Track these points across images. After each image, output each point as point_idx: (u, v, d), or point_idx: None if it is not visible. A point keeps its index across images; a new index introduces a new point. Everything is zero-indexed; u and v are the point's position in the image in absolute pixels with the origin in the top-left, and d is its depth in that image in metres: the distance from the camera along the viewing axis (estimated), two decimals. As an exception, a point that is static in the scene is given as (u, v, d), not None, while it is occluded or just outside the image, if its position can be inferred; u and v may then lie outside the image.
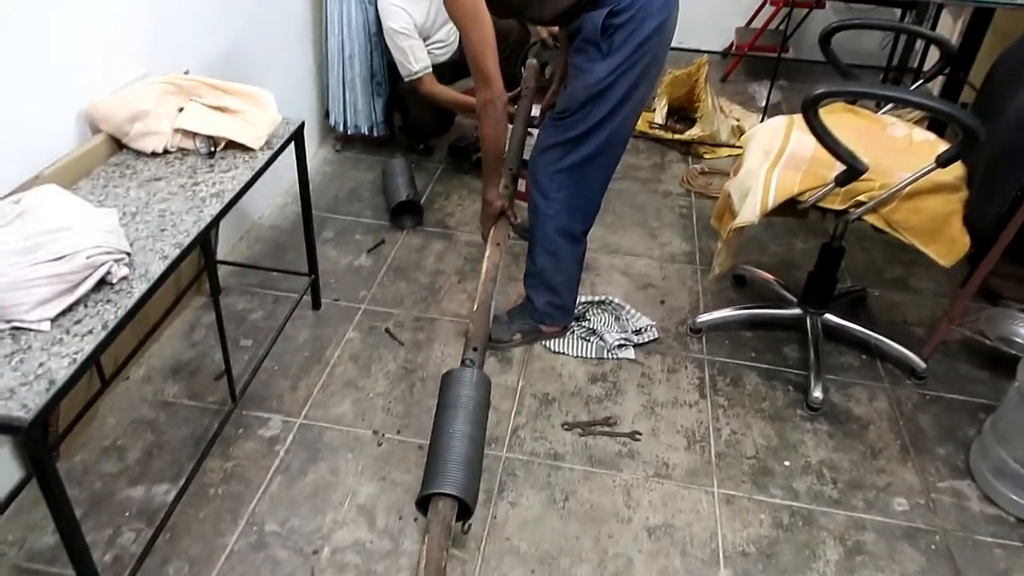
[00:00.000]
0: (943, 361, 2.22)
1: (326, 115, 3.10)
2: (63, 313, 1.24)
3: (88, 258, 1.25)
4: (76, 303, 1.26)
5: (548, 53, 2.52)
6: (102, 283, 1.30)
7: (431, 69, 2.78)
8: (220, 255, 2.39)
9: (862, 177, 1.74)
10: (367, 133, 3.06)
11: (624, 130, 1.97)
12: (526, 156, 2.23)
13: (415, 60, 2.75)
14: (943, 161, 1.66)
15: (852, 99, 2.14)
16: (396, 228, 2.70)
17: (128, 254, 1.35)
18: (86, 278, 1.26)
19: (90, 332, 1.21)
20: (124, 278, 1.33)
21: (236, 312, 2.26)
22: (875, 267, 2.64)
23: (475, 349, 1.62)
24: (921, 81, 2.22)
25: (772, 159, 1.93)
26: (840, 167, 1.74)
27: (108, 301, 1.28)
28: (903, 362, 2.17)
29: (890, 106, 2.16)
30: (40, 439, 1.11)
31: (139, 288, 1.32)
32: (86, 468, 1.75)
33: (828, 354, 2.22)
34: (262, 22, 2.51)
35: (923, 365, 2.13)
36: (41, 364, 1.15)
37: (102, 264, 1.28)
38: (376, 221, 2.74)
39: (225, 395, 1.90)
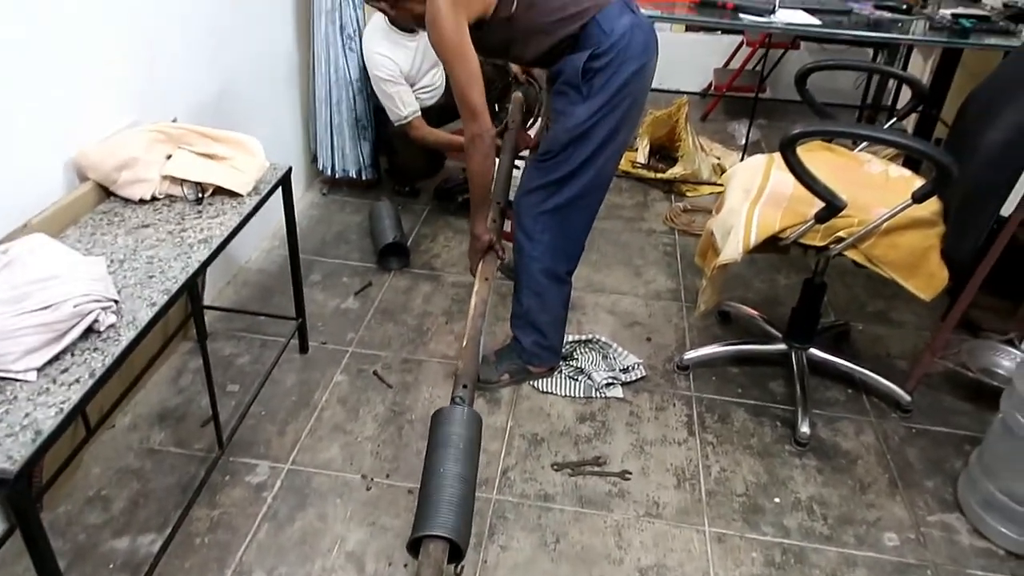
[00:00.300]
0: (927, 393, 2.24)
1: (313, 159, 3.13)
2: (50, 362, 1.23)
3: (75, 307, 1.25)
4: (63, 352, 1.25)
5: (524, 88, 2.57)
6: (89, 331, 1.30)
7: (420, 113, 2.83)
8: (207, 300, 2.39)
9: (841, 214, 1.78)
10: (354, 176, 3.09)
11: (606, 172, 2.01)
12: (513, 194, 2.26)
13: (404, 105, 2.79)
14: (919, 197, 1.70)
15: (829, 137, 2.20)
16: (383, 270, 2.71)
17: (116, 302, 1.35)
18: (73, 327, 1.26)
19: (77, 381, 1.21)
20: (112, 326, 1.33)
21: (223, 357, 2.25)
22: (857, 301, 2.68)
23: (465, 386, 1.62)
24: (895, 119, 2.28)
25: (753, 197, 1.97)
26: (819, 204, 1.78)
27: (95, 349, 1.28)
28: (888, 395, 2.19)
29: (866, 143, 2.21)
30: (25, 491, 1.10)
31: (127, 336, 1.32)
32: (70, 519, 1.72)
33: (814, 389, 2.23)
34: (250, 69, 2.55)
35: (908, 398, 2.15)
36: (27, 415, 1.14)
37: (89, 312, 1.28)
38: (363, 264, 2.76)
39: (211, 442, 1.89)
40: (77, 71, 1.73)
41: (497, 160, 2.19)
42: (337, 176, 3.08)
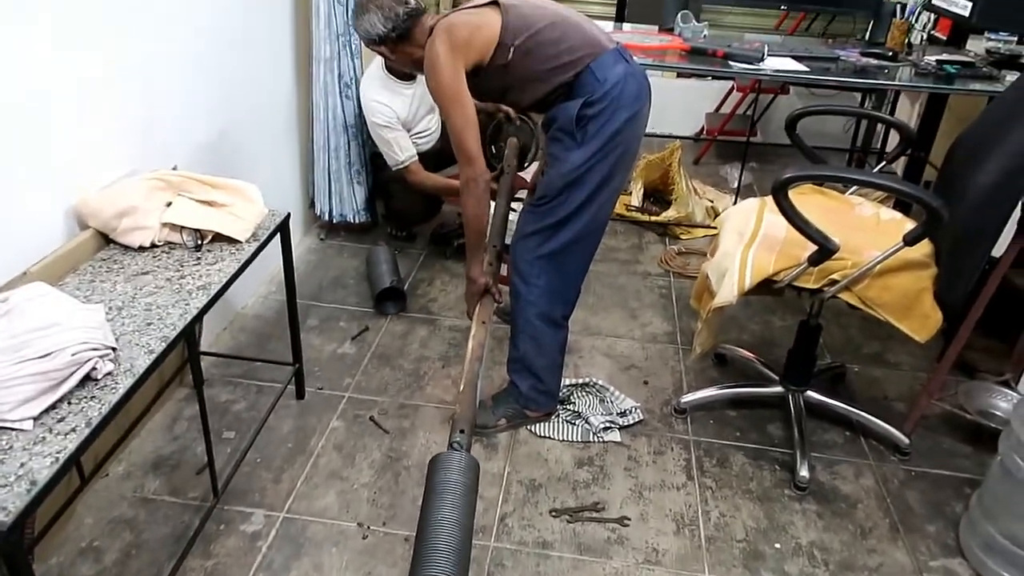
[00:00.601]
0: (925, 436, 2.24)
1: (311, 204, 3.15)
2: (46, 411, 1.23)
3: (73, 355, 1.25)
4: (60, 400, 1.25)
5: (512, 127, 2.61)
6: (87, 379, 1.30)
7: (417, 158, 2.86)
8: (204, 345, 2.38)
9: (834, 256, 1.80)
10: (350, 220, 3.12)
11: (601, 216, 2.03)
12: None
13: (400, 150, 2.83)
14: (910, 240, 1.72)
15: (820, 181, 2.23)
16: (380, 315, 2.71)
17: (114, 349, 1.36)
18: (71, 375, 1.26)
19: (73, 430, 1.20)
20: (109, 373, 1.32)
21: (219, 404, 2.24)
22: (852, 343, 2.69)
23: (462, 431, 1.61)
24: (884, 163, 2.32)
25: (747, 240, 1.99)
26: (812, 247, 1.80)
27: (92, 397, 1.27)
28: (886, 438, 2.19)
29: (855, 187, 2.24)
30: (18, 543, 1.09)
31: (124, 383, 1.31)
32: (62, 571, 1.69)
33: (812, 431, 2.23)
34: (251, 118, 2.59)
35: (906, 441, 2.15)
36: (22, 464, 1.13)
37: (87, 360, 1.28)
38: (360, 308, 2.76)
39: (206, 490, 1.87)
40: (78, 121, 1.75)
41: (493, 204, 2.22)
42: (334, 221, 3.11)
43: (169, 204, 1.79)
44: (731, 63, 2.69)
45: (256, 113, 2.65)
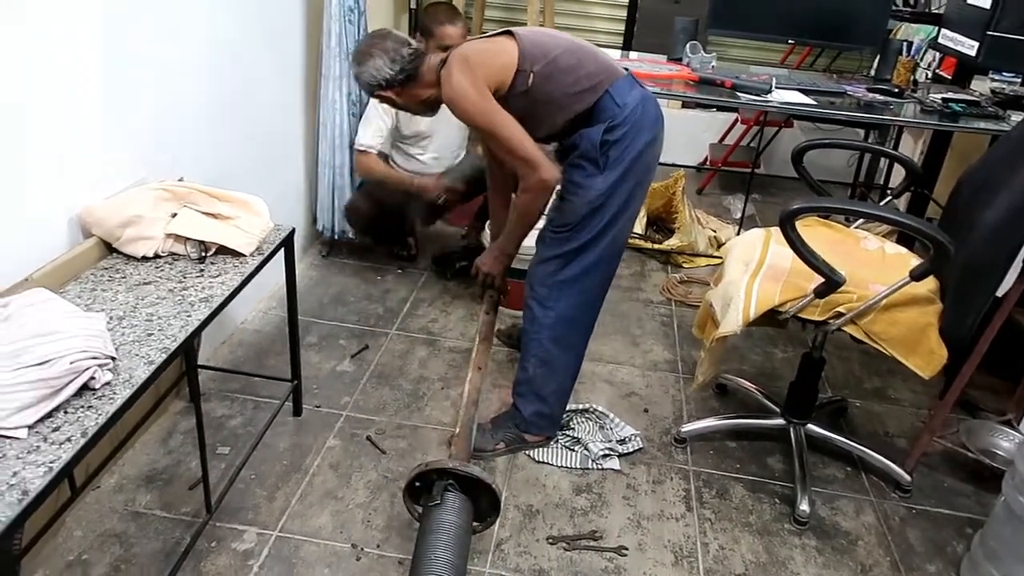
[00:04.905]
0: (927, 474, 2.22)
1: (314, 221, 3.15)
2: (41, 419, 1.21)
3: (72, 363, 1.23)
4: (56, 409, 1.23)
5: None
6: (84, 388, 1.28)
7: (375, 150, 2.88)
8: (202, 359, 2.36)
9: (840, 289, 1.79)
10: (352, 238, 3.11)
11: (621, 239, 2.02)
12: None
13: (368, 134, 2.85)
14: (917, 275, 1.71)
15: (825, 213, 2.23)
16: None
17: (113, 359, 1.34)
18: (69, 383, 1.24)
19: (68, 440, 1.18)
20: (107, 383, 1.31)
21: (215, 418, 2.21)
22: (854, 377, 2.67)
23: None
24: (889, 198, 2.32)
25: (752, 270, 1.98)
26: (818, 279, 1.79)
27: (89, 407, 1.26)
28: (887, 474, 2.17)
29: (860, 220, 2.24)
30: (7, 554, 1.07)
31: (122, 394, 1.30)
32: (48, 584, 1.66)
33: (813, 465, 2.21)
34: (259, 132, 2.59)
35: (908, 478, 2.12)
36: (15, 473, 1.11)
37: (86, 369, 1.26)
38: (360, 326, 2.74)
39: (199, 506, 1.84)
40: (86, 130, 1.75)
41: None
42: (336, 237, 3.10)
43: (174, 215, 1.79)
44: (739, 94, 2.71)
45: (264, 128, 2.66)
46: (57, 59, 1.63)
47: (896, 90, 2.87)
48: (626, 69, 1.99)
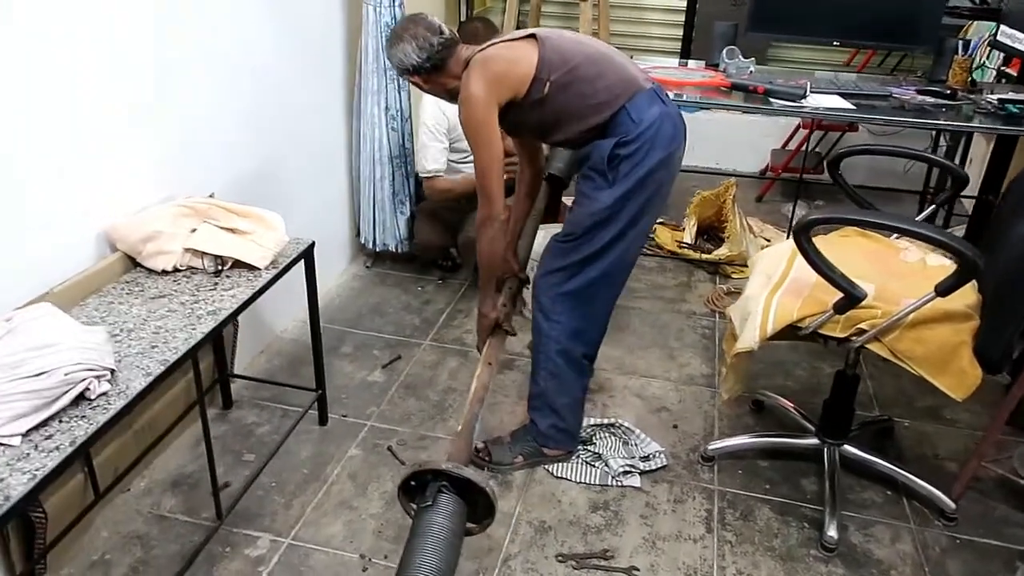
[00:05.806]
0: (978, 501, 2.07)
1: (357, 232, 3.21)
2: (36, 428, 1.27)
3: (66, 375, 1.29)
4: (51, 418, 1.30)
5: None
6: (81, 398, 1.34)
7: (443, 172, 2.92)
8: (239, 368, 2.44)
9: (865, 304, 1.70)
10: (392, 249, 3.16)
11: (628, 256, 1.99)
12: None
13: (429, 160, 2.90)
14: (942, 290, 1.60)
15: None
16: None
17: (112, 370, 1.40)
18: (63, 394, 1.30)
19: (57, 448, 1.24)
20: (104, 394, 1.37)
21: (245, 425, 2.28)
22: (905, 395, 2.52)
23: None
24: (933, 206, 2.18)
25: (774, 284, 1.90)
26: (840, 294, 1.70)
27: (83, 417, 1.32)
28: (931, 501, 2.03)
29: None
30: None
31: (116, 404, 1.35)
32: (71, 582, 1.75)
33: (849, 488, 2.09)
34: (293, 146, 2.66)
35: (952, 505, 1.98)
36: (1, 480, 1.17)
37: (81, 380, 1.32)
38: (395, 336, 2.78)
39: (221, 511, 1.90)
40: (115, 148, 1.84)
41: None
42: (377, 249, 3.15)
43: (194, 230, 1.86)
44: (771, 100, 2.61)
45: (304, 142, 2.73)
46: (97, 79, 1.72)
47: (949, 91, 2.69)
48: (653, 82, 1.95)
